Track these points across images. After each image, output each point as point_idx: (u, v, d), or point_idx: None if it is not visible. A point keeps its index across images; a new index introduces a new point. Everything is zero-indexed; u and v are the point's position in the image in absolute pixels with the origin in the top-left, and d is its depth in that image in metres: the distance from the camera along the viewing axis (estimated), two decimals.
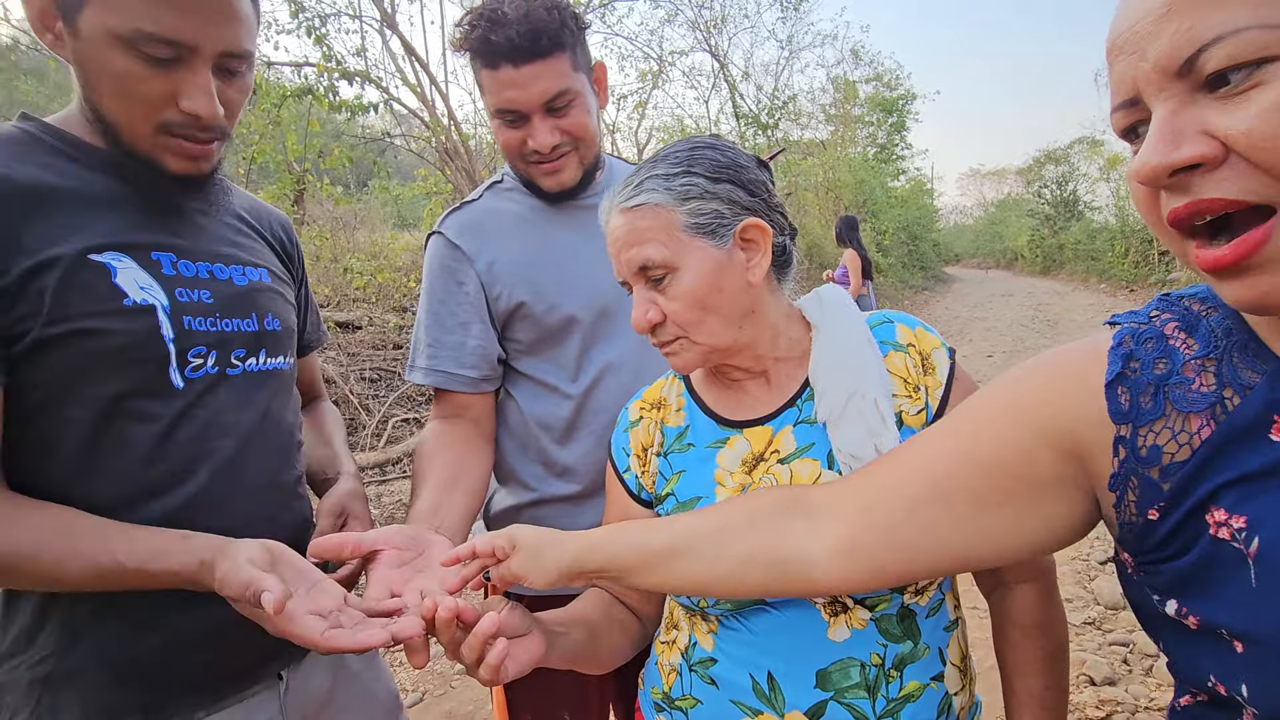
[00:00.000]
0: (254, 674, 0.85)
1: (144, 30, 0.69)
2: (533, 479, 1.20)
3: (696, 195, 0.78)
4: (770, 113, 13.29)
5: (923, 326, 0.85)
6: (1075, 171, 22.57)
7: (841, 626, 0.75)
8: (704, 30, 12.56)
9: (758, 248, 0.80)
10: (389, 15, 7.28)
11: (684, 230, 0.78)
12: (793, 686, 0.75)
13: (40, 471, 0.73)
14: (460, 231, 1.17)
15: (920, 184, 24.22)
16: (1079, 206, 21.80)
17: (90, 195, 0.76)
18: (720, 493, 0.83)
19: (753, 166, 0.83)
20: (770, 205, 0.83)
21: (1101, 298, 13.82)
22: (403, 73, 7.58)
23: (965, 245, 33.43)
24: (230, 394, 0.84)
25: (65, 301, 0.71)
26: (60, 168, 0.76)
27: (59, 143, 0.77)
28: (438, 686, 2.60)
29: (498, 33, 1.01)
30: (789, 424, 0.82)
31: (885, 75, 19.30)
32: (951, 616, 0.82)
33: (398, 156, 9.82)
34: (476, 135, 8.63)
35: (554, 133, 1.07)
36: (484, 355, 1.16)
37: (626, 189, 0.81)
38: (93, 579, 0.70)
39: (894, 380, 0.81)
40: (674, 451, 0.89)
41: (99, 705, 0.75)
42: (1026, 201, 26.30)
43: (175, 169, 0.79)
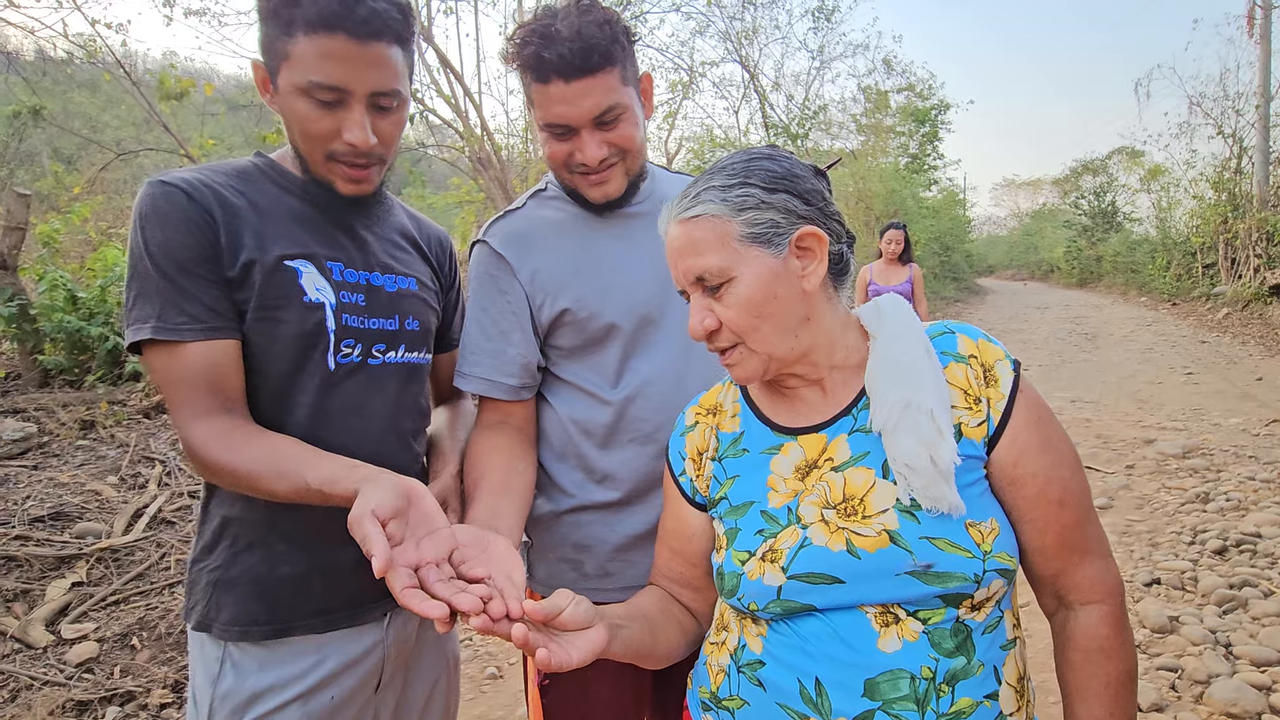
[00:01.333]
0: (365, 611, 1.04)
1: (314, 81, 0.90)
2: (572, 485, 1.21)
3: (753, 205, 0.79)
4: (800, 123, 13.25)
5: (985, 338, 0.83)
6: (1114, 182, 22.04)
7: (893, 637, 0.74)
8: (735, 41, 12.59)
9: (813, 255, 0.81)
10: (426, 29, 7.44)
11: (740, 240, 0.79)
12: (840, 694, 0.74)
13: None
14: (504, 240, 1.18)
15: (953, 194, 23.85)
16: (1118, 218, 21.26)
17: (288, 214, 1.00)
18: (773, 498, 0.83)
19: (809, 176, 0.84)
20: (826, 213, 0.84)
21: (1142, 311, 13.44)
22: (438, 85, 7.74)
23: (999, 256, 32.78)
24: (368, 379, 1.04)
25: (265, 293, 0.94)
26: (272, 193, 1.00)
27: (273, 173, 1.02)
28: (469, 690, 2.62)
29: (550, 49, 1.01)
30: (844, 432, 0.82)
31: (918, 85, 19.10)
32: (1009, 635, 0.79)
33: (431, 166, 10.02)
34: (509, 145, 8.75)
35: (602, 146, 1.08)
36: (523, 364, 1.17)
37: (684, 200, 0.83)
38: (294, 495, 0.87)
39: (954, 392, 0.80)
40: (728, 457, 0.90)
41: (245, 610, 0.97)
42: (1063, 212, 25.71)
43: (345, 190, 1.00)
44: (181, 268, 0.90)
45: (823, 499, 0.79)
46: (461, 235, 9.07)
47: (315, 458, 0.89)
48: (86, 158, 9.31)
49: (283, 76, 0.92)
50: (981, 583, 0.74)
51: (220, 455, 0.89)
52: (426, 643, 1.17)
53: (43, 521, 3.18)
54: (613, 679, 1.18)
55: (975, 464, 0.79)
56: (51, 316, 4.29)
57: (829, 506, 0.78)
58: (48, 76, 10.17)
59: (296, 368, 0.97)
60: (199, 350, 0.91)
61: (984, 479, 0.80)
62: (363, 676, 1.05)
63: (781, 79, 14.95)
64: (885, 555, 0.73)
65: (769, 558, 0.78)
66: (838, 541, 0.75)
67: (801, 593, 0.76)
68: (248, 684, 0.97)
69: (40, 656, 2.52)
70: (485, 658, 2.84)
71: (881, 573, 0.73)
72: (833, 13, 13.81)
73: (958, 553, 0.73)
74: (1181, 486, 4.07)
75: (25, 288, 4.49)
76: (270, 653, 0.98)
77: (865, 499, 0.77)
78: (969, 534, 0.74)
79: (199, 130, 7.67)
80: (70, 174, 7.86)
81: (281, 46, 0.90)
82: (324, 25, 0.88)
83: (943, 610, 0.74)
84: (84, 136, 9.43)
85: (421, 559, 0.75)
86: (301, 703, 0.99)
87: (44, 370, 4.53)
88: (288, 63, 0.90)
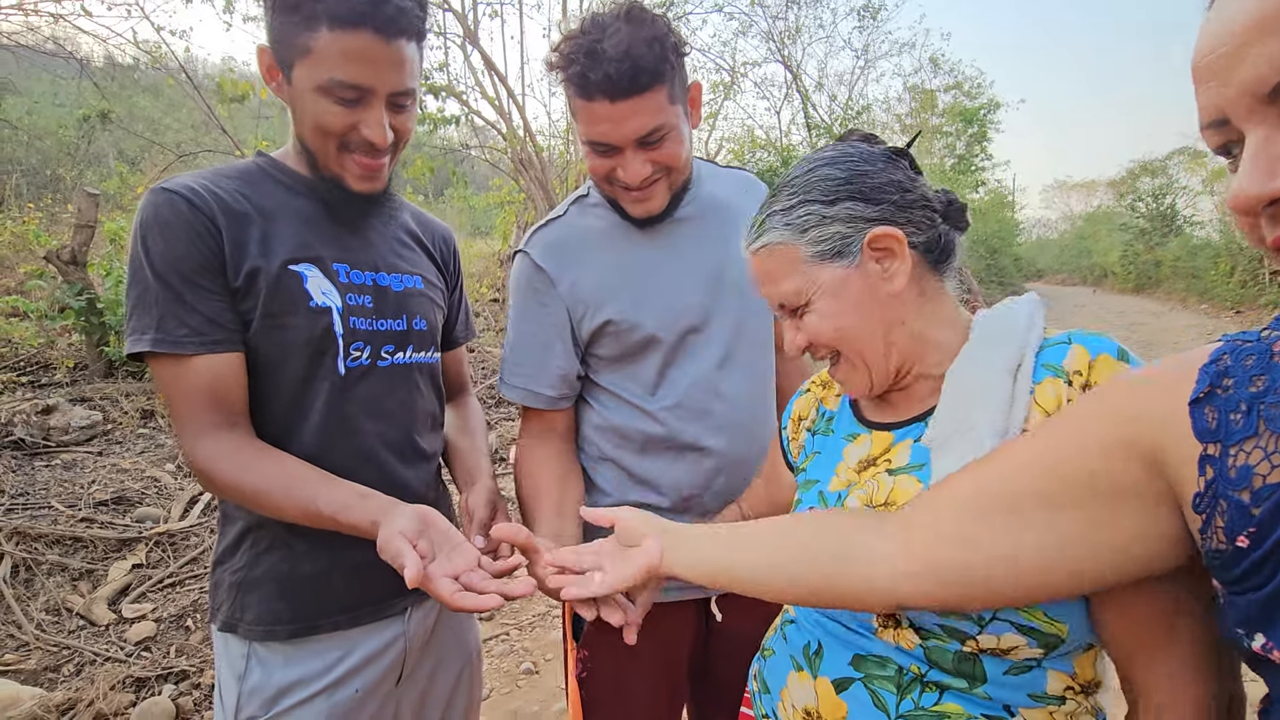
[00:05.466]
0: (386, 605, 1.06)
1: (337, 79, 0.88)
2: (608, 484, 1.22)
3: (815, 224, 0.78)
4: (843, 123, 13.05)
5: (1112, 354, 0.68)
6: (1174, 184, 21.13)
7: (889, 638, 0.74)
8: (778, 41, 12.48)
9: (893, 255, 0.77)
10: (471, 31, 7.56)
11: (809, 260, 0.78)
12: (832, 658, 0.78)
13: (261, 426, 0.96)
14: (545, 252, 1.17)
15: (1001, 196, 23.19)
16: (1177, 221, 20.37)
17: (294, 215, 0.98)
18: (834, 482, 0.84)
19: (879, 168, 0.79)
20: (904, 204, 0.78)
21: (1203, 319, 12.84)
22: (482, 86, 7.86)
23: (1049, 260, 31.72)
24: (378, 381, 1.03)
25: (271, 301, 0.93)
26: (277, 194, 0.98)
27: (277, 173, 1.00)
28: (504, 685, 2.65)
29: (596, 70, 0.97)
30: (911, 438, 0.79)
31: (966, 83, 18.62)
32: (1053, 691, 0.70)
33: (474, 166, 10.18)
34: (550, 146, 8.83)
35: (645, 165, 1.05)
36: (563, 376, 1.18)
37: (751, 230, 0.83)
38: (302, 518, 0.89)
39: (1035, 414, 0.69)
40: (820, 432, 0.92)
41: (270, 610, 0.98)
42: (1118, 215, 24.76)
43: (356, 187, 0.98)
44: (183, 278, 0.88)
45: (869, 496, 0.78)
46: (502, 234, 9.19)
47: (325, 482, 0.90)
48: (149, 159, 9.73)
49: (300, 71, 0.89)
50: (987, 627, 0.67)
51: (228, 473, 0.89)
52: (447, 637, 1.19)
53: (106, 505, 3.34)
54: (649, 672, 1.20)
55: None
56: (116, 311, 4.50)
57: (870, 505, 0.77)
58: (115, 81, 10.68)
59: (309, 374, 0.96)
60: (201, 364, 0.89)
61: None
62: (385, 669, 1.07)
63: (825, 79, 14.73)
64: None
65: None
66: None
67: None
68: (274, 679, 0.98)
69: (103, 634, 2.65)
70: (521, 653, 2.87)
71: None
72: (878, 11, 13.58)
73: None
74: None
75: (93, 283, 4.72)
76: (295, 649, 1.00)
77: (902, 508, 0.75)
78: None
79: (254, 132, 7.94)
80: (134, 174, 8.22)
81: (302, 40, 0.87)
82: (350, 21, 0.85)
83: (945, 639, 0.70)
84: (147, 139, 9.86)
85: (456, 569, 0.84)
86: (327, 695, 1.00)
87: (109, 361, 4.75)
88: (308, 57, 0.87)
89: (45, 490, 3.35)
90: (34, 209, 6.81)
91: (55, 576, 2.87)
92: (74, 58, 8.24)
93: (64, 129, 10.61)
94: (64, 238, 5.04)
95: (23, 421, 3.80)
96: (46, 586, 2.81)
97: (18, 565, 2.85)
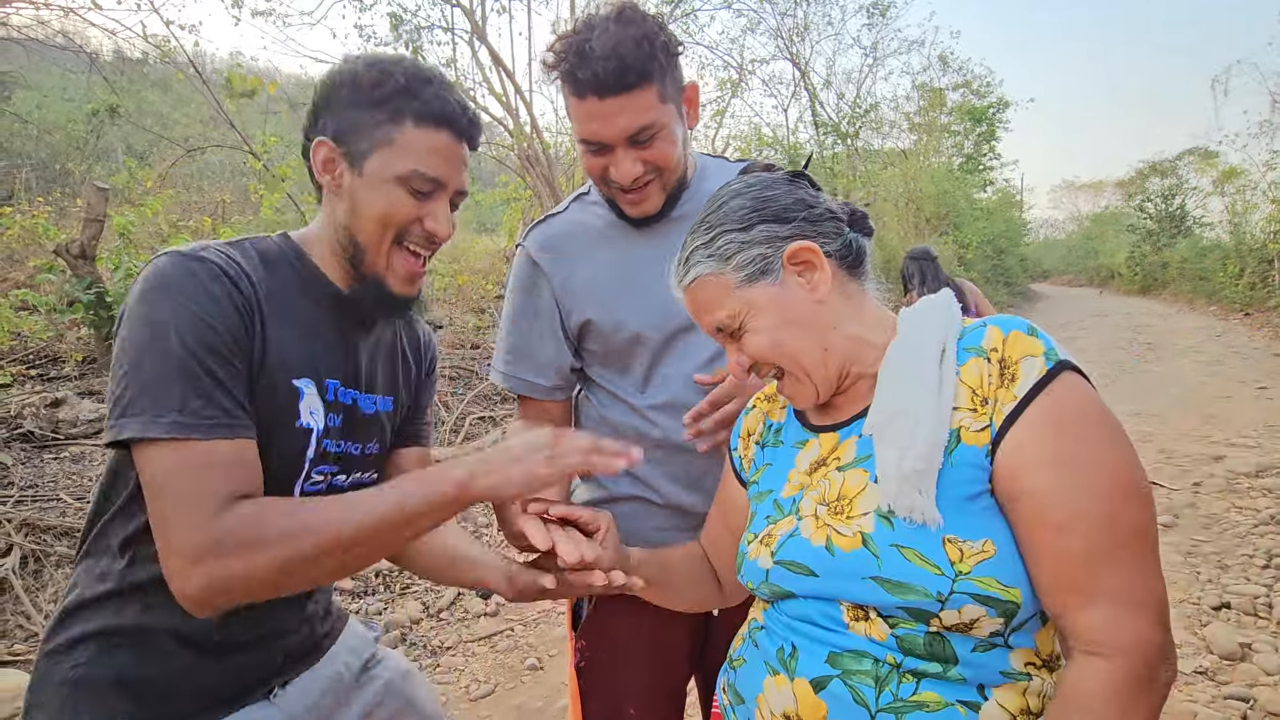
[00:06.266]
0: (242, 694, 0.94)
1: (418, 170, 0.90)
2: (605, 477, 1.24)
3: (735, 250, 0.83)
4: (851, 121, 13.01)
5: (1025, 330, 0.74)
6: (1184, 184, 20.97)
7: (861, 632, 0.75)
8: (786, 38, 12.44)
9: (812, 266, 0.83)
10: (479, 28, 7.57)
11: (738, 284, 0.83)
12: (807, 658, 0.78)
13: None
14: (541, 247, 1.21)
15: (1008, 195, 23.07)
16: (1187, 222, 20.22)
17: (307, 319, 0.93)
18: (786, 489, 0.87)
19: (782, 191, 0.85)
20: (813, 219, 0.84)
21: (1211, 321, 12.76)
22: (489, 82, 7.86)
23: (1055, 261, 31.55)
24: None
25: (267, 407, 0.85)
26: (295, 290, 0.92)
27: (301, 266, 0.95)
28: (509, 680, 2.66)
29: (583, 68, 1.00)
30: (856, 434, 0.83)
31: (974, 82, 18.53)
32: (1017, 668, 0.73)
33: (480, 163, 10.18)
34: (557, 143, 8.83)
35: (636, 164, 1.06)
36: (555, 367, 1.22)
37: (680, 269, 0.88)
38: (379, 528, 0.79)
39: (962, 391, 0.74)
40: (769, 445, 0.95)
41: (109, 711, 0.85)
42: (1126, 216, 24.61)
43: (398, 289, 0.95)
44: (217, 354, 0.79)
45: (821, 495, 0.81)
46: (508, 231, 9.20)
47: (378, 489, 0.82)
48: (157, 153, 9.75)
49: (376, 161, 0.89)
50: (947, 603, 0.69)
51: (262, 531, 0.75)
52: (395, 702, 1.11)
53: None
54: (644, 665, 1.23)
55: (977, 474, 0.72)
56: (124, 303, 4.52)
57: (823, 503, 0.81)
58: (124, 76, 10.71)
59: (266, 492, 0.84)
60: (225, 447, 0.78)
61: (988, 493, 0.72)
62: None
63: (833, 76, 14.67)
64: (857, 557, 0.74)
65: (765, 542, 0.84)
66: (820, 537, 0.78)
67: (784, 579, 0.80)
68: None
69: None
70: (525, 648, 2.88)
71: (851, 574, 0.74)
72: (888, 8, 13.52)
73: (924, 566, 0.70)
74: (1254, 507, 3.85)
75: (102, 277, 4.74)
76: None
77: (854, 500, 0.78)
78: (944, 549, 0.70)
79: (262, 128, 7.96)
80: (142, 169, 8.25)
81: (384, 133, 0.89)
82: (436, 121, 0.90)
83: (911, 623, 0.72)
84: (156, 133, 9.89)
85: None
86: None
87: None
88: (388, 148, 0.89)
89: (54, 483, 3.37)
90: (43, 203, 6.84)
91: (64, 568, 2.89)
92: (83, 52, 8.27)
93: (73, 123, 10.65)
94: (73, 232, 5.06)
95: (32, 414, 3.83)
96: (55, 578, 2.83)
97: (26, 556, 2.87)
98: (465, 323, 7.13)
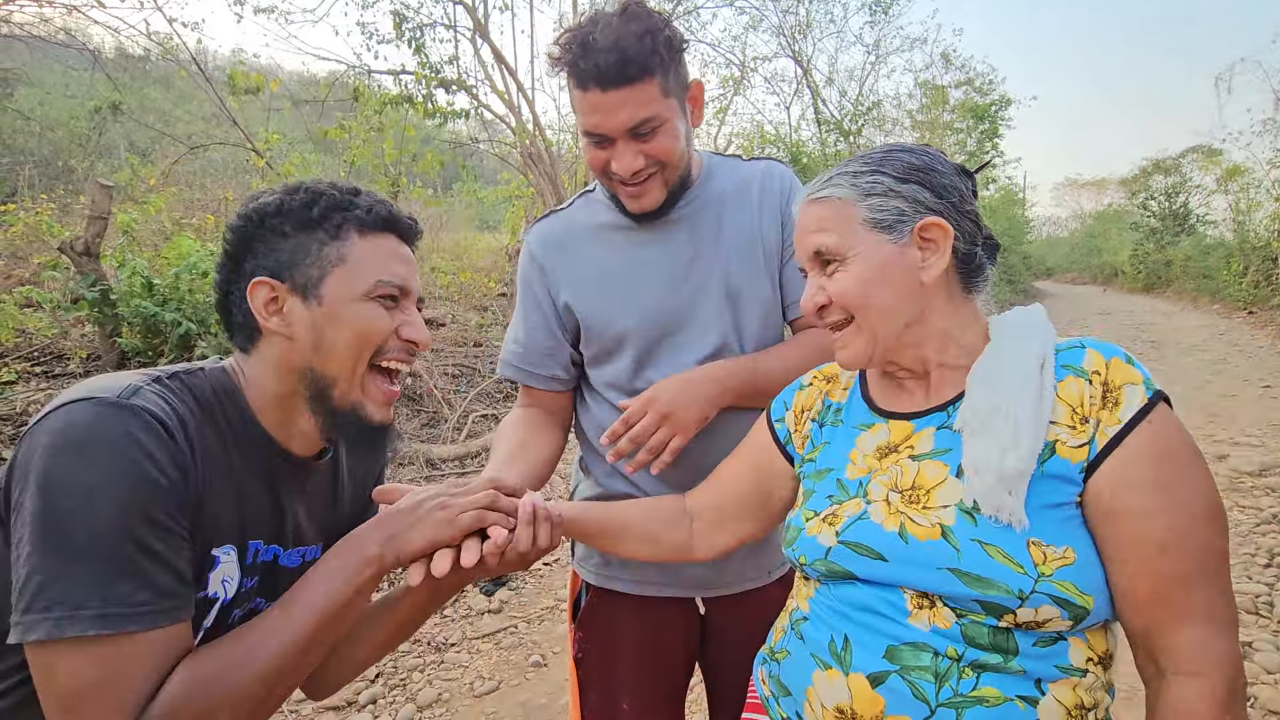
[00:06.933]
0: None
1: (384, 280, 0.85)
2: (601, 475, 1.27)
3: (880, 192, 0.82)
4: (853, 118, 12.99)
5: (1125, 359, 0.77)
6: (1187, 182, 20.88)
7: (924, 619, 0.75)
8: (788, 36, 12.42)
9: (936, 248, 0.82)
10: (481, 25, 7.56)
11: (862, 223, 0.83)
12: (863, 652, 0.77)
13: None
14: (541, 242, 1.24)
15: (1011, 193, 23.02)
16: (1190, 220, 20.16)
17: (238, 481, 0.81)
18: (850, 470, 0.87)
19: (949, 172, 0.85)
20: (960, 210, 0.84)
21: (1214, 319, 12.73)
22: (491, 80, 7.85)
23: (1058, 259, 31.45)
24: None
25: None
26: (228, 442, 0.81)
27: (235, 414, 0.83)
28: (513, 677, 2.67)
29: (586, 59, 1.01)
30: (933, 426, 0.83)
31: (977, 80, 18.47)
32: (1076, 663, 0.74)
33: (483, 160, 10.18)
34: (559, 141, 8.83)
35: (638, 157, 1.07)
36: (552, 358, 1.25)
37: (816, 182, 0.87)
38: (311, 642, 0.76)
39: (1060, 407, 0.76)
40: (828, 424, 0.95)
41: None
42: (1129, 213, 24.53)
43: (377, 416, 0.87)
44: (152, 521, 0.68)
45: (892, 481, 0.82)
46: (511, 229, 9.20)
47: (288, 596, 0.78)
48: (160, 151, 9.77)
49: (334, 284, 0.82)
50: (1027, 601, 0.70)
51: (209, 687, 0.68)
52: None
53: None
54: (637, 659, 1.24)
55: (1065, 487, 0.74)
56: (129, 302, 4.53)
57: (895, 490, 0.81)
58: (126, 73, 10.73)
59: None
60: (160, 638, 0.67)
61: (1073, 505, 0.75)
62: None
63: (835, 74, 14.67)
64: (933, 547, 0.74)
65: (829, 520, 0.84)
66: (893, 523, 0.78)
67: (846, 559, 0.80)
68: None
69: None
70: (529, 645, 2.89)
71: (925, 562, 0.74)
72: (890, 6, 13.48)
73: (1007, 563, 0.71)
74: (1257, 505, 3.85)
75: (106, 274, 4.76)
76: None
77: (931, 491, 0.78)
78: (1028, 551, 0.72)
79: (265, 125, 7.96)
80: (145, 166, 8.26)
81: (333, 252, 0.83)
82: (380, 226, 0.86)
83: (981, 615, 0.73)
84: (158, 130, 9.91)
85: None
86: None
87: (121, 352, 4.79)
88: (343, 267, 0.83)
89: None
90: (46, 200, 6.85)
91: None
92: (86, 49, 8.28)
93: (75, 120, 10.67)
94: (76, 229, 5.07)
95: (37, 411, 3.84)
96: None
97: None
98: (467, 320, 7.15)
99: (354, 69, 7.94)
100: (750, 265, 1.20)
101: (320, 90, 8.21)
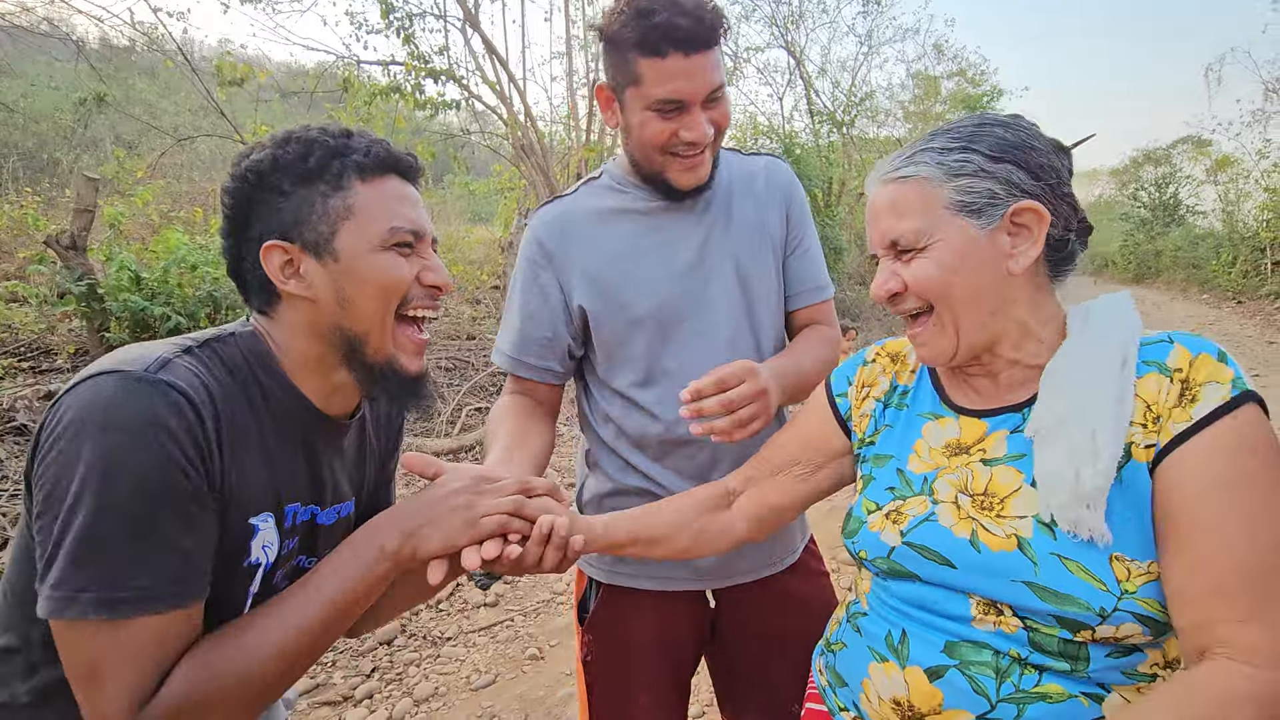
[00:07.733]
0: None
1: (395, 227, 0.81)
2: (612, 469, 1.24)
3: (969, 172, 0.74)
4: (846, 109, 12.97)
5: (1213, 354, 0.70)
6: (1177, 173, 21.00)
7: (989, 624, 0.72)
8: (781, 26, 12.37)
9: (1029, 234, 0.75)
10: (472, 15, 7.47)
11: (946, 206, 0.75)
12: (921, 646, 0.75)
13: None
14: (546, 226, 1.20)
15: None
16: (1180, 210, 20.28)
17: (269, 447, 0.80)
18: (913, 461, 0.82)
19: (1046, 150, 0.77)
20: (1057, 193, 0.76)
21: (1204, 309, 12.84)
22: (482, 70, 7.78)
23: None
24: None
25: (222, 548, 0.75)
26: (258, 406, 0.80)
27: (268, 379, 0.81)
28: (510, 670, 2.67)
29: (683, 17, 0.99)
30: (1006, 428, 0.78)
31: (969, 70, 18.46)
32: (1146, 670, 0.71)
33: (474, 153, 10.10)
34: (551, 132, 8.77)
35: (709, 124, 1.07)
36: (549, 346, 1.21)
37: (897, 159, 0.78)
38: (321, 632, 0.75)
39: (1137, 405, 0.70)
40: (892, 405, 0.90)
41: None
42: (1120, 204, 24.66)
43: (410, 368, 0.86)
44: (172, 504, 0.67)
45: (962, 483, 0.77)
46: (503, 221, 9.15)
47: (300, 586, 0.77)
48: (146, 143, 9.64)
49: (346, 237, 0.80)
50: (1108, 619, 0.67)
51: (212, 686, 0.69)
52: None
53: None
54: (650, 657, 1.22)
55: (1146, 493, 0.69)
56: (117, 296, 4.48)
57: (965, 492, 0.76)
58: (111, 64, 10.56)
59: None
60: (173, 620, 0.68)
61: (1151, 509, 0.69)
62: None
63: (828, 64, 14.59)
64: (1009, 559, 0.70)
65: (893, 518, 0.79)
66: (964, 529, 0.74)
67: (911, 560, 0.76)
68: None
69: None
70: (526, 639, 2.89)
71: (998, 573, 0.71)
72: None
73: (1089, 580, 0.67)
74: None
75: (94, 268, 4.70)
76: None
77: (1007, 500, 0.74)
78: (1111, 567, 0.67)
79: (253, 117, 7.87)
80: (131, 159, 8.16)
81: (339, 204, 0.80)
82: (381, 169, 0.82)
83: (1055, 629, 0.69)
84: (144, 122, 9.77)
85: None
86: None
87: (109, 346, 4.74)
88: (351, 219, 0.80)
89: None
90: (31, 193, 6.76)
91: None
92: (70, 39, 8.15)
93: (60, 112, 10.51)
94: (62, 223, 5.00)
95: (25, 407, 3.80)
96: None
97: None
98: (461, 313, 7.12)
99: (343, 60, 7.85)
100: (759, 253, 1.19)
101: (309, 81, 8.12)
